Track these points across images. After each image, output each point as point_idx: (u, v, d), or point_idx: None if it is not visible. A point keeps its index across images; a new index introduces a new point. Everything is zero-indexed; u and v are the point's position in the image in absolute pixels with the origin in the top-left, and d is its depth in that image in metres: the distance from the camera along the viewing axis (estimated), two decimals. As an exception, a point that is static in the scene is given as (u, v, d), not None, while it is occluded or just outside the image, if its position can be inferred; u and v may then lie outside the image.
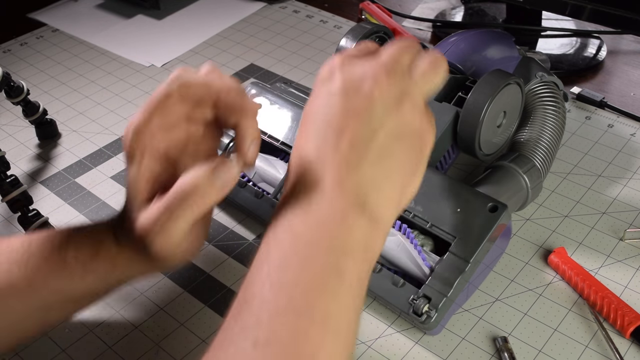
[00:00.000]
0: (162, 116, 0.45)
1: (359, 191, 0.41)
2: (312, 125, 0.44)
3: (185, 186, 0.43)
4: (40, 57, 0.95)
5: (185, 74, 0.46)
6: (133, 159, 0.45)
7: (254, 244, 0.63)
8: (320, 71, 0.45)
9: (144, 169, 0.45)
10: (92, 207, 0.68)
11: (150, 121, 0.45)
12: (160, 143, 0.46)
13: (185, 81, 0.46)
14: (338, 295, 0.38)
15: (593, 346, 0.53)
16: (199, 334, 0.55)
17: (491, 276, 0.59)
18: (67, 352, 0.54)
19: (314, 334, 0.36)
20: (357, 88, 0.43)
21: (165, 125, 0.46)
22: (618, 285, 0.58)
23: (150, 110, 0.45)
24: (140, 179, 0.45)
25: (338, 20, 1.00)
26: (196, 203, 0.42)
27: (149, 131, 0.45)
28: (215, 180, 0.43)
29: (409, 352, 0.53)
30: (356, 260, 0.39)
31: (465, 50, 0.66)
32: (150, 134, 0.45)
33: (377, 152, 0.42)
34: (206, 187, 0.42)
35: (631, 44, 0.91)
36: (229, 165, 0.43)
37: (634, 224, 0.63)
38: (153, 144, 0.46)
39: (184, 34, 0.98)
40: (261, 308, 0.37)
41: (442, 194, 0.55)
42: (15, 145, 0.78)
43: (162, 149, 0.46)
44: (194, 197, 0.42)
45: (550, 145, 0.62)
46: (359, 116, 0.42)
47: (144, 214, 0.44)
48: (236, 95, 0.46)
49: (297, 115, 0.64)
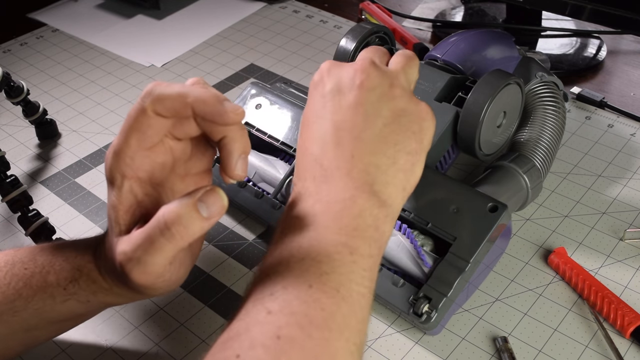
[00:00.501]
0: (140, 136, 0.42)
1: (366, 178, 0.43)
2: (312, 127, 0.45)
3: (167, 215, 0.39)
4: (40, 57, 0.95)
5: (157, 87, 0.42)
6: (113, 184, 0.43)
7: (254, 244, 0.63)
8: (312, 78, 0.47)
9: (125, 195, 0.43)
10: (92, 207, 0.68)
11: (128, 143, 0.42)
12: (143, 166, 0.43)
13: (157, 94, 0.41)
14: (348, 269, 0.39)
15: (593, 346, 0.53)
16: (199, 334, 0.55)
17: (491, 276, 0.59)
18: (67, 352, 0.54)
19: (325, 302, 0.37)
20: (348, 85, 0.45)
21: (145, 145, 0.42)
22: (618, 285, 0.58)
23: (126, 130, 0.42)
24: (120, 205, 0.43)
25: (338, 20, 1.00)
26: (179, 234, 0.39)
27: (129, 153, 0.42)
28: (201, 210, 0.39)
29: (409, 352, 0.53)
30: (366, 239, 0.41)
31: (465, 50, 0.66)
32: (130, 157, 0.42)
33: (378, 139, 0.44)
34: (190, 218, 0.39)
35: (631, 44, 0.91)
36: (216, 194, 0.40)
37: (634, 224, 0.63)
38: (134, 167, 0.42)
39: (184, 34, 0.98)
40: (275, 282, 0.38)
41: (442, 194, 0.55)
42: (15, 145, 0.78)
43: (144, 172, 0.43)
44: (177, 228, 0.39)
45: (550, 145, 0.62)
46: (354, 109, 0.44)
47: (123, 243, 0.41)
48: (214, 104, 0.41)
49: (297, 115, 0.64)
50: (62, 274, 0.46)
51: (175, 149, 0.44)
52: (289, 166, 0.62)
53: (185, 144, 0.44)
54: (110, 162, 0.43)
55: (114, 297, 0.47)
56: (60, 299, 0.46)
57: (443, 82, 0.62)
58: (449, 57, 0.65)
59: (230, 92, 0.85)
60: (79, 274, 0.46)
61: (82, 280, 0.46)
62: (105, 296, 0.47)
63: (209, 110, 0.41)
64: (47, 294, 0.46)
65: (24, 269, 0.47)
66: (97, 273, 0.46)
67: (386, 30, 0.69)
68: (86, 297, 0.47)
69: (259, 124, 0.65)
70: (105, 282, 0.46)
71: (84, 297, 0.47)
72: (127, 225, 0.43)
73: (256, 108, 0.66)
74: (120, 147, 0.42)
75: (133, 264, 0.40)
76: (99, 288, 0.47)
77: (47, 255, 0.47)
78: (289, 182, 0.61)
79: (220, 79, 0.88)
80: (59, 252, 0.48)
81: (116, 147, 0.42)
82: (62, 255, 0.47)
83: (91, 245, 0.48)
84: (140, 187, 0.43)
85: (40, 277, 0.46)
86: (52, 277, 0.46)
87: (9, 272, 0.47)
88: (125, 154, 0.42)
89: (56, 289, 0.46)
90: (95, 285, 0.46)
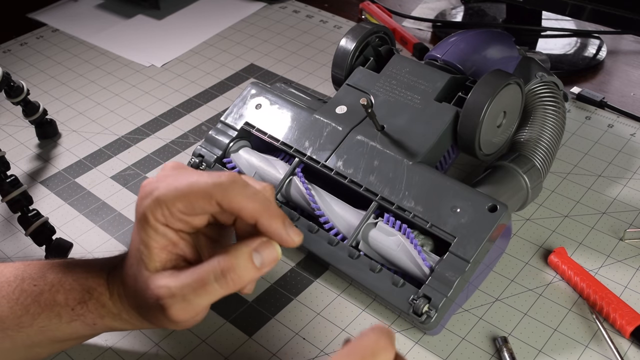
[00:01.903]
0: (187, 206, 0.41)
1: None
2: None
3: (223, 263, 0.40)
4: (40, 57, 0.95)
5: (234, 188, 0.41)
6: (147, 223, 0.42)
7: (254, 244, 0.63)
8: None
9: (161, 237, 0.42)
10: (92, 207, 0.68)
11: (173, 204, 0.41)
12: (182, 225, 0.42)
13: (229, 196, 0.41)
14: None
15: (593, 346, 0.53)
16: (199, 334, 0.55)
17: (491, 276, 0.59)
18: (67, 352, 0.54)
19: None
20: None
21: (187, 212, 0.42)
22: (618, 285, 0.58)
23: (186, 192, 0.41)
24: (155, 244, 0.42)
25: (338, 20, 1.00)
26: (233, 282, 0.40)
27: (174, 210, 0.41)
28: (256, 260, 0.41)
29: (409, 352, 0.53)
30: None
31: (465, 50, 0.66)
32: (174, 214, 0.42)
33: None
34: (245, 268, 0.40)
35: (631, 44, 0.91)
36: (271, 246, 0.41)
37: (634, 224, 0.63)
38: (173, 221, 0.42)
39: (184, 34, 0.98)
40: None
41: (442, 194, 0.55)
42: (15, 145, 0.78)
43: (183, 227, 0.43)
44: (232, 276, 0.40)
45: (550, 145, 0.63)
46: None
47: (165, 278, 0.42)
48: (280, 227, 0.42)
49: (297, 115, 0.64)
50: (71, 294, 0.46)
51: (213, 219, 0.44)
52: (289, 166, 0.62)
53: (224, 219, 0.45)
54: (149, 205, 0.41)
55: (121, 322, 0.47)
56: (67, 319, 0.46)
57: (443, 82, 0.62)
58: (449, 57, 0.65)
59: (230, 92, 0.85)
60: (88, 296, 0.46)
61: (91, 302, 0.46)
62: (112, 321, 0.47)
63: (273, 231, 0.41)
64: (54, 313, 0.46)
65: (33, 285, 0.46)
66: (108, 297, 0.46)
67: (386, 30, 0.69)
68: (93, 319, 0.47)
69: (259, 124, 0.65)
70: (115, 307, 0.46)
71: (90, 319, 0.46)
72: (163, 263, 0.43)
73: (256, 108, 0.66)
74: (166, 198, 0.41)
75: (176, 301, 0.41)
76: (107, 312, 0.46)
77: (58, 273, 0.47)
78: (289, 182, 0.61)
79: (220, 79, 0.88)
80: (70, 271, 0.47)
81: (161, 196, 0.41)
82: (73, 274, 0.47)
83: (104, 268, 0.47)
84: (177, 234, 0.43)
85: (49, 295, 0.46)
86: (61, 296, 0.46)
87: (18, 287, 0.46)
88: (170, 207, 0.41)
89: (64, 309, 0.46)
90: (104, 309, 0.46)
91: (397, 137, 0.60)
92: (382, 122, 0.60)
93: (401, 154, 0.58)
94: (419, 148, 0.58)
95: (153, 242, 0.42)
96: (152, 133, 0.78)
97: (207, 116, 0.81)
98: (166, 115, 0.81)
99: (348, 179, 0.59)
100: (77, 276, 0.47)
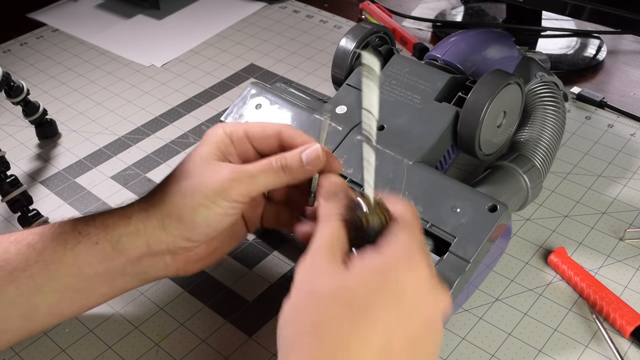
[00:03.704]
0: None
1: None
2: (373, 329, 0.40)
3: (284, 156, 0.50)
4: (40, 57, 0.95)
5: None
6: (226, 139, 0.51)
7: (254, 244, 0.63)
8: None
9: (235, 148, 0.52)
10: (92, 207, 0.68)
11: (247, 130, 0.52)
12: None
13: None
14: None
15: (593, 346, 0.53)
16: (199, 334, 0.55)
17: (491, 276, 0.59)
18: (67, 352, 0.54)
19: None
20: (435, 320, 0.43)
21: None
22: (618, 285, 0.58)
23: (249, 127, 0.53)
24: (232, 151, 0.52)
25: (338, 20, 1.00)
26: (288, 169, 0.49)
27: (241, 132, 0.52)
28: (303, 156, 0.50)
29: (409, 352, 0.53)
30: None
31: (465, 50, 0.66)
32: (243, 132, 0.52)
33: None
34: (298, 165, 0.49)
35: (631, 44, 0.91)
36: (316, 152, 0.50)
37: (634, 224, 0.63)
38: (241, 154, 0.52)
39: (184, 34, 0.98)
40: None
41: (442, 194, 0.55)
42: (15, 145, 0.78)
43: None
44: (283, 162, 0.49)
45: (550, 145, 0.63)
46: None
47: (242, 165, 0.50)
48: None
49: (297, 115, 0.64)
50: (79, 221, 0.49)
51: None
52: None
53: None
54: (223, 125, 0.52)
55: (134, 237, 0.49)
56: (72, 244, 0.48)
57: (443, 82, 0.62)
58: (449, 57, 0.65)
59: (230, 92, 0.85)
60: (93, 219, 0.49)
61: (98, 219, 0.49)
62: (121, 235, 0.48)
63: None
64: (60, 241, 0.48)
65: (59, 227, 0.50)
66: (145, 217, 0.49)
67: (386, 30, 0.69)
68: (96, 237, 0.48)
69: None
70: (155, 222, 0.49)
71: (94, 236, 0.48)
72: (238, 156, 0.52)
73: (256, 108, 0.66)
74: (239, 126, 0.52)
75: (242, 174, 0.48)
76: (114, 224, 0.49)
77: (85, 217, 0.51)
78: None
79: (220, 79, 0.88)
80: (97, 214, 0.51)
81: (240, 133, 0.52)
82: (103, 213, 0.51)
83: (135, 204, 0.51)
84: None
85: (56, 228, 0.49)
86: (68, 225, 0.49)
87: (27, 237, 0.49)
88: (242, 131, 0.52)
89: (70, 235, 0.48)
90: (111, 220, 0.49)
91: (397, 137, 0.60)
92: (382, 122, 0.60)
93: (401, 153, 0.58)
94: (419, 148, 0.58)
95: (231, 147, 0.52)
96: (152, 133, 0.78)
97: (207, 116, 0.81)
98: (166, 115, 0.81)
99: (348, 178, 0.59)
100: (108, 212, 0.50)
